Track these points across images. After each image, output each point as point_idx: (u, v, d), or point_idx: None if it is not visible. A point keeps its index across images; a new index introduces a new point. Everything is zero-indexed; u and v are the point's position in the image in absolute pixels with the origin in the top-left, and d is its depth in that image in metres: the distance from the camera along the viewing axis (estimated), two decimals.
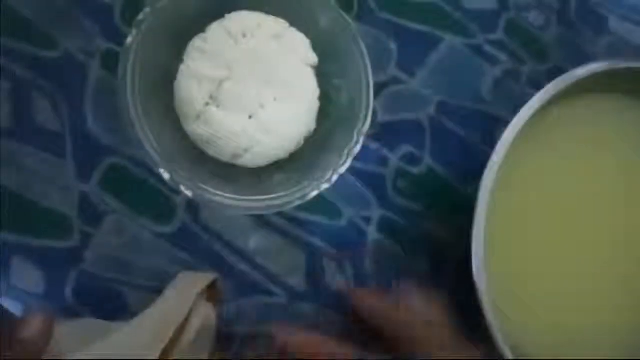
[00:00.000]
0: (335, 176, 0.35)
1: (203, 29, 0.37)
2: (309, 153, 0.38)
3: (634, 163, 0.40)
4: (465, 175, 0.42)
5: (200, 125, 0.36)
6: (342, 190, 0.40)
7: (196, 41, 0.36)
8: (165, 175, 0.34)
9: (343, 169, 0.36)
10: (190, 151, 0.37)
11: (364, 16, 0.42)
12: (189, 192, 0.34)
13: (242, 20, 0.36)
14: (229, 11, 0.37)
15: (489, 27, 0.43)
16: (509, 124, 0.35)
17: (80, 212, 0.39)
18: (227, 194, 0.35)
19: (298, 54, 0.37)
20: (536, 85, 0.39)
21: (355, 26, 0.37)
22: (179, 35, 0.36)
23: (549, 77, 0.36)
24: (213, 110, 0.36)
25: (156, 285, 0.38)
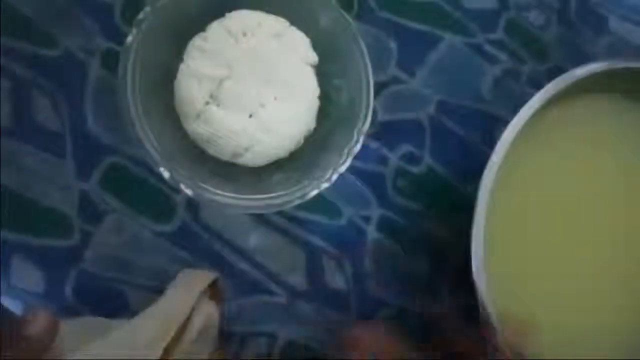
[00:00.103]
0: (335, 175, 0.35)
1: (203, 28, 0.37)
2: (309, 152, 0.38)
3: (633, 163, 0.40)
4: (465, 174, 0.42)
5: (201, 124, 0.36)
6: (342, 189, 0.40)
7: (196, 40, 0.36)
8: (165, 174, 0.34)
9: (343, 168, 0.36)
10: (190, 150, 0.37)
11: (364, 15, 0.42)
12: (189, 191, 0.34)
13: (243, 19, 0.36)
14: (229, 10, 0.37)
15: (489, 27, 0.43)
16: (509, 124, 0.35)
17: (80, 211, 0.39)
18: (227, 193, 0.35)
19: (298, 53, 0.37)
20: (536, 85, 0.39)
21: (355, 25, 0.37)
22: (179, 34, 0.36)
23: (549, 77, 0.36)
24: (213, 109, 0.36)
25: (156, 284, 0.38)
